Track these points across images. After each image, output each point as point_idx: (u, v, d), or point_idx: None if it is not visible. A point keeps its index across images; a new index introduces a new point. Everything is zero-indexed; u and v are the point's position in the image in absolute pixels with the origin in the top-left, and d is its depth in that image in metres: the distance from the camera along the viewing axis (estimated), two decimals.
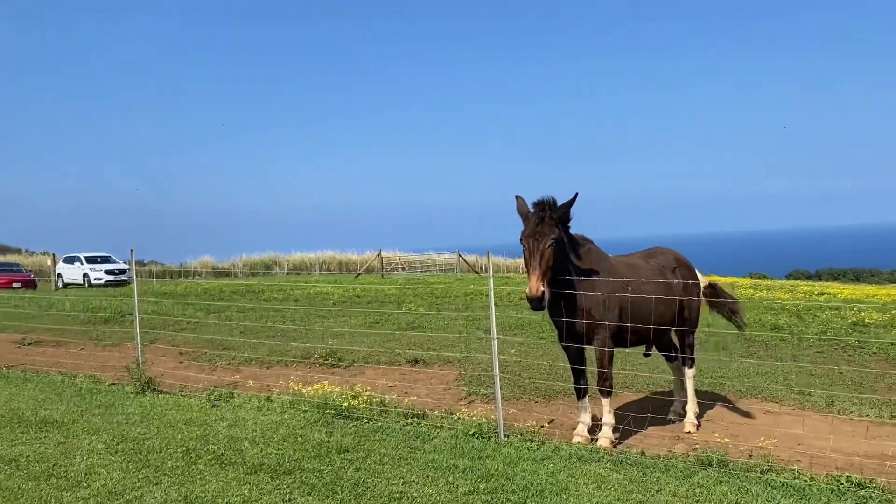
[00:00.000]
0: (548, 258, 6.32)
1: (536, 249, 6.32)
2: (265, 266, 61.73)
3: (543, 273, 6.27)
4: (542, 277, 6.24)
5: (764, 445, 6.76)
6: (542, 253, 6.30)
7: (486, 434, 6.95)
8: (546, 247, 6.32)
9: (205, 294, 24.65)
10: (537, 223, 6.37)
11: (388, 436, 7.07)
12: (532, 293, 6.18)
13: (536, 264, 6.27)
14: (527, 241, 6.42)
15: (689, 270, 7.79)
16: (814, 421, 7.96)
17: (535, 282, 6.21)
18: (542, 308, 6.31)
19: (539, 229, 6.35)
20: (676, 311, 7.46)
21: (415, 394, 9.38)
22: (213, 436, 7.09)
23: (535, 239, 6.35)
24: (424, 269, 51.65)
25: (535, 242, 6.34)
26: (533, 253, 6.33)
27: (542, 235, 6.33)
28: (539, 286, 6.20)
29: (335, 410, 7.85)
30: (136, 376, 9.41)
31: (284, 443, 6.84)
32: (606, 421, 6.94)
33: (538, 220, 6.38)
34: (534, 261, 6.30)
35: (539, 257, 6.29)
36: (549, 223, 6.38)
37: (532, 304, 6.22)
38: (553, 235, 6.35)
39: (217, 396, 8.78)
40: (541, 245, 6.32)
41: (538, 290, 6.18)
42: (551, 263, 6.37)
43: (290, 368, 11.40)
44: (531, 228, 6.41)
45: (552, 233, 6.36)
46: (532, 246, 6.35)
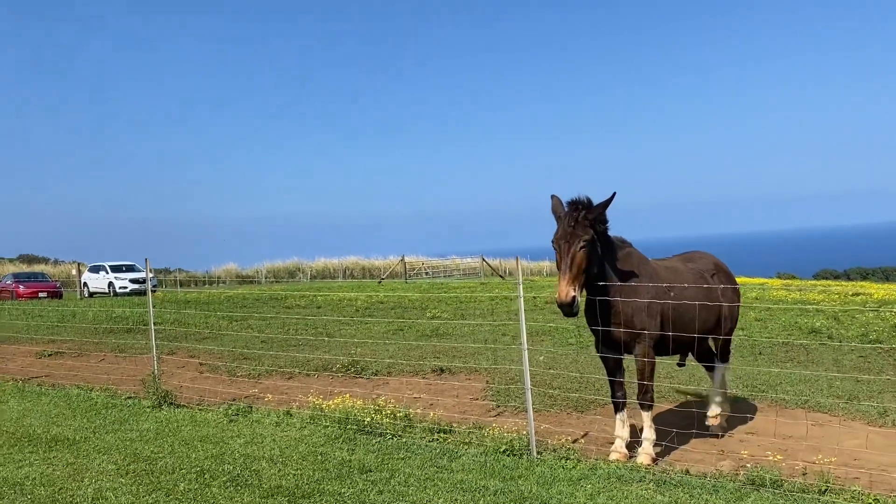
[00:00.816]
0: (579, 261, 5.89)
1: (567, 252, 5.89)
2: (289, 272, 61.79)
3: (574, 277, 5.85)
4: (572, 281, 5.82)
5: (818, 461, 6.26)
6: (574, 256, 5.88)
7: (517, 451, 6.51)
8: (578, 249, 5.90)
9: (227, 302, 24.49)
10: (570, 224, 5.94)
11: (414, 453, 6.66)
12: (561, 298, 5.76)
13: (567, 268, 5.85)
14: (558, 244, 6.00)
15: (728, 275, 7.33)
16: (868, 433, 7.42)
17: (564, 286, 5.79)
18: (574, 314, 5.88)
19: (571, 231, 5.92)
20: (718, 317, 6.99)
21: (441, 406, 8.98)
22: (228, 454, 6.73)
23: (566, 241, 5.92)
24: (447, 273, 51.34)
25: (566, 245, 5.92)
26: (564, 256, 5.91)
27: (574, 237, 5.91)
28: (569, 291, 5.77)
29: (357, 426, 7.46)
30: (153, 390, 9.10)
31: (304, 462, 6.47)
32: (647, 436, 6.48)
33: (571, 222, 5.95)
34: (564, 264, 5.88)
35: (570, 260, 5.86)
36: (582, 224, 5.95)
37: (563, 309, 5.80)
38: (586, 237, 5.92)
39: (235, 411, 8.44)
40: (572, 248, 5.89)
41: (568, 296, 5.75)
42: (584, 267, 5.94)
43: (311, 379, 11.05)
44: (563, 230, 5.98)
45: (585, 234, 5.93)
46: (563, 249, 5.93)
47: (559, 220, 6.13)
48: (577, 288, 5.86)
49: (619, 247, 6.48)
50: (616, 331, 6.29)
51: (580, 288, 5.92)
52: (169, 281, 50.71)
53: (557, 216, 6.18)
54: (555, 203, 6.30)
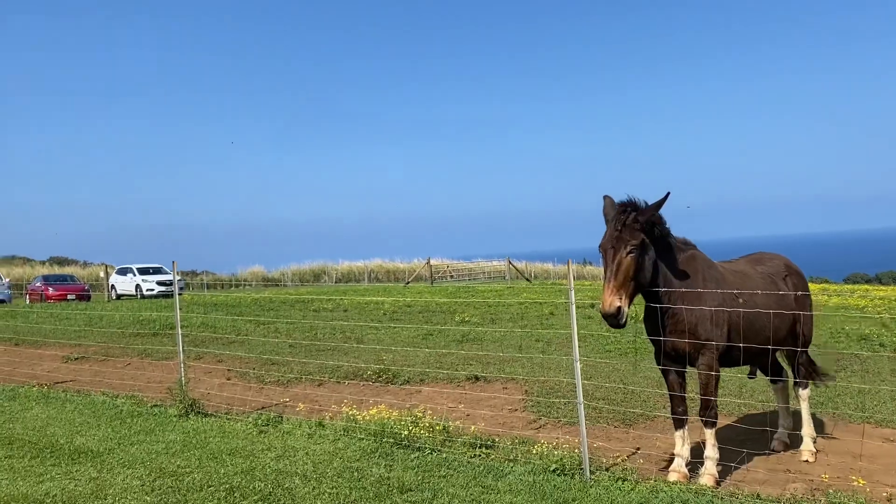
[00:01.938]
0: (626, 269, 5.40)
1: (613, 259, 5.41)
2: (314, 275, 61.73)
3: (620, 286, 5.35)
4: (617, 291, 5.32)
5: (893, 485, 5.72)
6: (620, 262, 5.39)
7: (568, 470, 6.03)
8: (625, 255, 5.41)
9: (254, 305, 24.24)
10: (617, 228, 5.46)
11: (455, 471, 6.22)
12: (605, 309, 5.28)
13: (612, 276, 5.36)
14: (603, 249, 5.53)
15: (801, 278, 6.78)
16: None
17: (608, 296, 5.30)
18: (620, 326, 5.39)
19: (618, 235, 5.44)
20: (792, 326, 6.46)
21: (479, 417, 8.53)
22: (259, 470, 6.33)
23: (612, 247, 5.44)
24: (473, 276, 50.87)
25: (612, 251, 5.43)
26: (609, 263, 5.43)
27: (620, 242, 5.42)
28: (613, 301, 5.28)
29: (394, 439, 7.03)
30: (179, 398, 8.75)
31: (339, 479, 6.05)
32: (710, 455, 5.96)
33: (618, 225, 5.47)
34: (609, 271, 5.40)
35: (615, 267, 5.38)
36: (631, 228, 5.46)
37: (607, 321, 5.32)
38: (634, 242, 5.43)
39: (265, 421, 8.05)
40: (618, 254, 5.41)
41: (612, 306, 5.26)
42: (631, 274, 5.44)
43: (342, 385, 10.67)
44: (609, 234, 5.51)
45: (633, 239, 5.43)
46: (609, 255, 5.45)
47: (608, 223, 5.65)
48: (624, 298, 5.36)
49: (681, 249, 5.97)
50: (678, 341, 5.80)
51: (628, 297, 5.42)
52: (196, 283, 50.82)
53: (607, 219, 5.70)
54: (606, 204, 5.82)
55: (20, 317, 21.53)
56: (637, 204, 5.58)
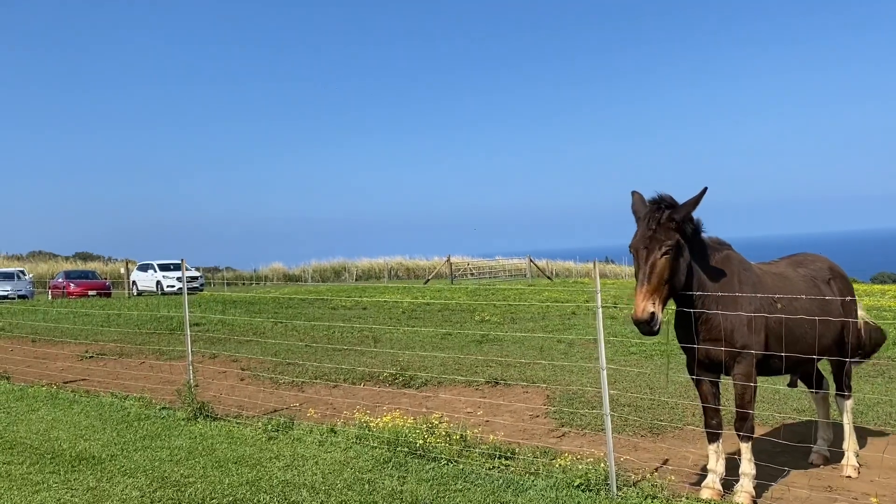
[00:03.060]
0: (661, 271, 4.96)
1: (646, 260, 4.98)
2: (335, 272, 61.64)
3: (654, 289, 4.91)
4: (650, 295, 4.89)
5: None
6: (654, 264, 4.95)
7: (593, 485, 5.63)
8: (659, 257, 4.98)
9: (273, 302, 24.05)
10: (650, 227, 5.03)
11: (473, 484, 5.85)
12: (637, 315, 4.84)
13: (645, 278, 4.93)
14: (635, 250, 5.09)
15: (846, 282, 6.32)
16: None
17: (641, 300, 4.87)
18: (654, 332, 4.97)
19: (652, 235, 5.01)
20: (837, 333, 6.01)
21: (498, 424, 8.15)
22: (266, 480, 6.00)
23: (645, 247, 5.01)
24: (493, 274, 50.47)
25: (645, 251, 5.00)
26: (642, 264, 5.00)
27: (654, 242, 4.99)
28: (647, 306, 4.85)
29: (408, 448, 6.68)
30: (188, 401, 8.46)
31: (349, 491, 5.71)
32: (746, 471, 5.53)
33: (652, 224, 5.03)
34: (642, 273, 4.96)
35: (649, 270, 4.94)
36: (665, 227, 5.02)
37: (640, 328, 4.89)
38: (669, 242, 5.00)
39: (275, 426, 7.73)
40: (652, 255, 4.98)
41: (645, 311, 4.83)
42: (666, 277, 5.00)
43: (357, 388, 10.35)
44: (642, 233, 5.07)
45: (668, 239, 5.00)
46: (641, 256, 5.02)
47: (639, 221, 5.22)
48: (658, 302, 4.93)
49: (716, 249, 5.54)
50: (713, 349, 5.37)
51: (662, 302, 4.98)
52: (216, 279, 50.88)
53: (638, 216, 5.27)
54: (635, 200, 5.40)
55: (40, 313, 21.48)
56: (671, 200, 5.16)
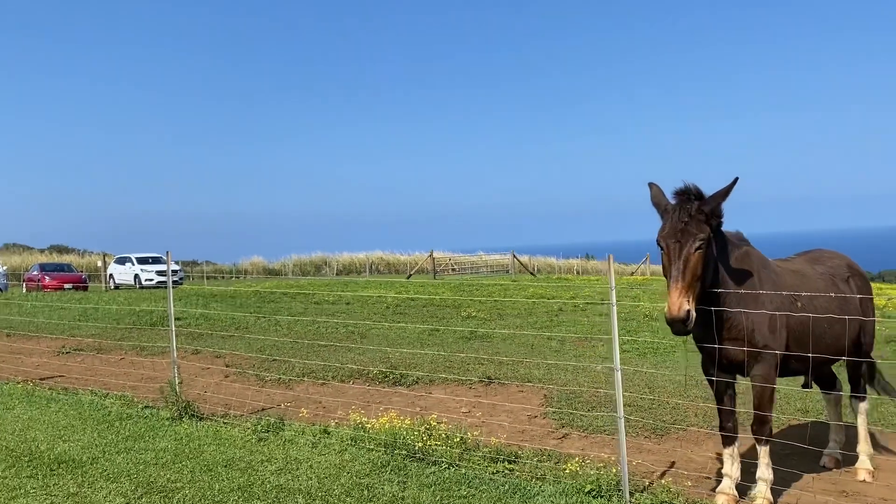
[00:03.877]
0: (694, 266, 4.70)
1: (679, 255, 4.71)
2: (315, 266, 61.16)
3: (689, 286, 4.65)
4: (686, 292, 4.62)
5: None
6: (688, 259, 4.69)
7: (605, 492, 5.38)
8: (693, 251, 4.71)
9: (255, 296, 23.60)
10: (682, 220, 4.76)
11: (478, 489, 5.57)
12: (673, 313, 4.57)
13: (679, 274, 4.66)
14: (666, 243, 4.81)
15: (865, 280, 6.11)
16: None
17: (676, 298, 4.60)
18: (688, 332, 4.74)
19: (684, 228, 4.74)
20: (855, 333, 5.80)
21: (496, 424, 7.89)
22: (258, 485, 5.68)
23: (677, 240, 4.74)
24: (475, 269, 50.27)
25: (677, 245, 4.72)
26: (674, 259, 4.72)
27: (687, 236, 4.72)
28: (683, 304, 4.58)
29: (407, 451, 6.38)
30: (172, 400, 8.10)
31: (348, 498, 5.41)
32: (763, 476, 5.31)
33: (684, 216, 4.76)
34: (675, 269, 4.69)
35: (682, 265, 4.67)
36: (697, 219, 4.76)
37: (674, 327, 4.62)
38: (702, 236, 4.74)
39: (265, 427, 7.40)
40: (685, 249, 4.71)
41: (681, 309, 4.57)
42: (699, 273, 4.75)
43: (346, 385, 10.04)
44: (672, 226, 4.80)
45: (701, 232, 4.74)
46: (674, 250, 4.74)
47: (665, 213, 4.93)
48: (693, 300, 4.65)
49: (735, 245, 5.30)
50: (732, 348, 5.13)
51: (696, 299, 4.73)
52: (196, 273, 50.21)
53: (662, 209, 4.99)
54: (655, 192, 5.13)
55: (14, 306, 20.89)
56: (698, 191, 4.90)
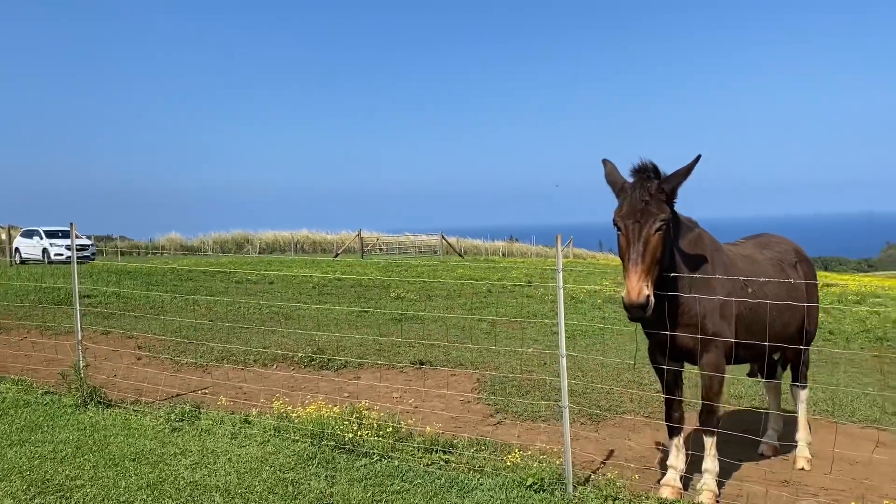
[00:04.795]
0: (654, 249, 4.42)
1: (638, 236, 4.42)
2: (236, 244, 59.42)
3: (648, 269, 4.37)
4: (645, 275, 4.35)
5: None
6: (647, 241, 4.40)
7: (547, 486, 5.10)
8: (653, 233, 4.43)
9: (172, 274, 22.51)
10: (642, 199, 4.46)
11: (412, 484, 5.20)
12: (632, 298, 4.29)
13: (638, 257, 4.37)
14: (624, 224, 4.51)
15: (811, 266, 6.00)
16: None
17: (636, 282, 4.32)
18: (646, 318, 4.47)
19: (644, 207, 4.45)
20: (801, 320, 5.67)
21: (428, 410, 7.54)
22: (170, 482, 5.15)
23: (636, 221, 4.44)
24: (403, 250, 49.87)
25: (637, 226, 4.43)
26: (633, 241, 4.43)
27: (647, 216, 4.43)
28: (642, 288, 4.30)
29: (335, 441, 5.95)
30: (76, 385, 7.42)
31: (271, 495, 4.95)
32: (709, 468, 5.13)
33: (644, 195, 4.46)
34: (634, 251, 4.39)
35: (642, 247, 4.39)
36: (657, 199, 4.47)
37: (632, 312, 4.34)
38: (664, 216, 4.46)
39: (179, 415, 6.83)
40: (645, 230, 4.42)
41: (641, 294, 4.29)
42: (658, 256, 4.48)
43: (269, 370, 9.50)
44: (631, 205, 4.50)
45: (662, 212, 4.47)
46: (633, 231, 4.45)
47: (622, 192, 4.63)
48: (651, 284, 4.39)
49: (688, 228, 5.06)
50: (684, 336, 4.90)
51: (653, 284, 4.46)
52: (109, 249, 47.99)
53: (618, 187, 4.68)
54: (609, 170, 4.82)
55: None
56: (656, 168, 4.61)
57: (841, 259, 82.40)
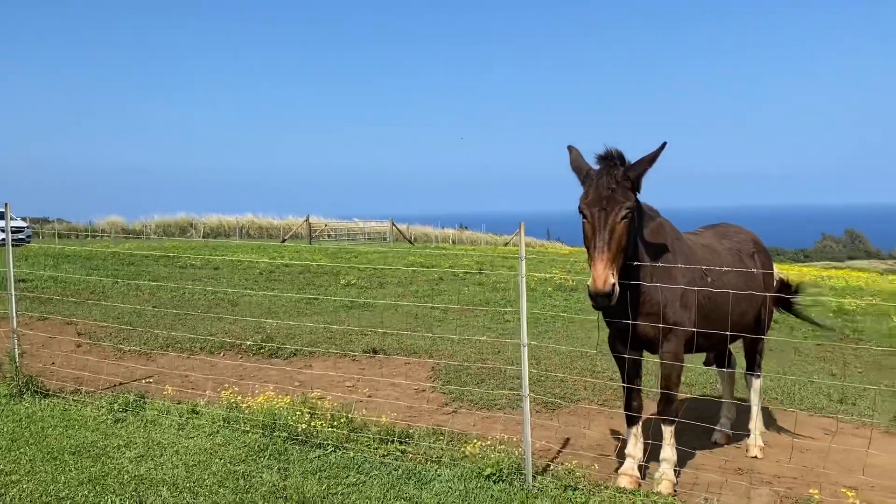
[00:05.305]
0: (619, 237, 4.38)
1: (604, 224, 4.36)
2: (180, 228, 58.06)
3: (614, 257, 4.33)
4: (611, 263, 4.30)
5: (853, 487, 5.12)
6: (613, 229, 4.35)
7: (506, 476, 5.03)
8: (619, 220, 4.38)
9: (113, 258, 21.80)
10: (609, 186, 4.40)
11: (368, 475, 5.07)
12: (599, 287, 4.23)
13: (605, 245, 4.32)
14: (590, 211, 4.45)
15: (768, 256, 6.05)
16: (892, 444, 6.40)
17: (602, 270, 4.26)
18: (611, 306, 4.42)
19: (610, 195, 4.38)
20: (757, 310, 5.72)
21: (382, 399, 7.41)
22: (114, 476, 4.91)
23: (602, 208, 4.38)
24: (351, 236, 49.47)
25: (602, 214, 4.37)
26: (599, 229, 4.37)
27: (613, 204, 4.38)
28: (608, 277, 4.25)
29: (288, 432, 5.77)
30: (11, 374, 7.06)
31: (221, 489, 4.76)
32: (667, 457, 5.14)
33: (611, 182, 4.40)
34: (600, 239, 4.34)
35: (608, 235, 4.33)
36: (623, 186, 4.43)
37: (597, 301, 4.29)
38: (629, 204, 4.42)
39: (123, 405, 6.55)
40: (611, 217, 4.37)
41: (607, 283, 4.23)
42: (624, 244, 4.43)
43: (217, 358, 9.23)
44: (597, 192, 4.43)
45: (628, 200, 4.42)
46: (598, 219, 4.39)
47: (587, 179, 4.56)
48: (616, 272, 4.35)
49: (650, 216, 5.03)
50: (644, 324, 4.87)
51: (618, 272, 4.42)
52: (46, 232, 46.38)
53: (584, 174, 4.62)
54: (574, 156, 4.75)
55: None
56: (621, 155, 4.55)
57: (778, 249, 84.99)
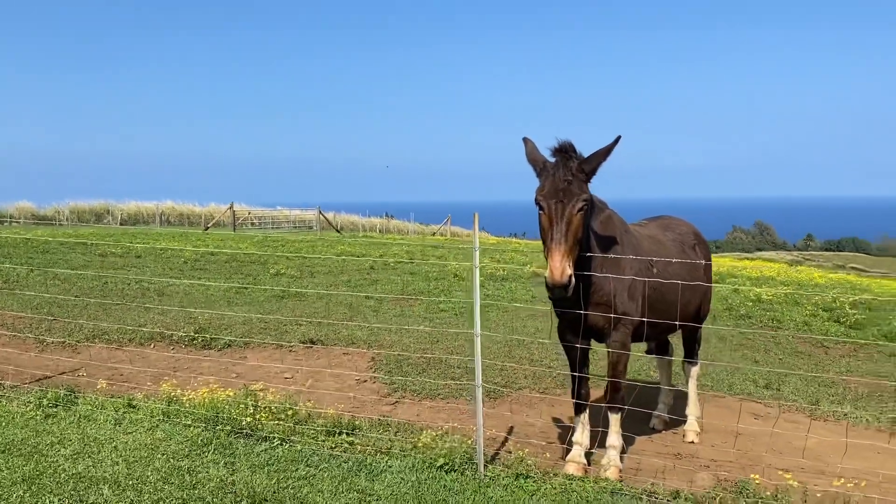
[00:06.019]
0: (576, 229, 4.46)
1: (561, 216, 4.43)
2: (96, 215, 55.81)
3: (570, 249, 4.41)
4: (568, 255, 4.38)
5: (786, 469, 5.38)
6: (570, 221, 4.43)
7: (458, 465, 5.04)
8: (576, 212, 4.46)
9: (25, 245, 20.76)
10: (565, 179, 4.47)
11: (318, 468, 5.00)
12: (556, 279, 4.30)
13: (561, 237, 4.39)
14: (547, 203, 4.50)
15: (707, 248, 6.26)
16: (815, 427, 6.73)
17: (559, 261, 4.33)
18: (567, 297, 4.50)
19: (566, 187, 4.45)
20: (699, 300, 5.91)
21: (323, 390, 7.32)
22: (49, 475, 4.69)
23: (559, 200, 4.45)
24: (277, 224, 48.62)
25: (559, 206, 4.44)
26: (556, 221, 4.43)
27: (570, 196, 4.45)
28: (566, 268, 4.33)
29: (231, 426, 5.64)
30: None
31: (166, 485, 4.60)
32: (614, 444, 5.26)
33: (567, 175, 4.47)
34: (557, 231, 4.40)
35: (565, 227, 4.41)
36: (579, 178, 4.51)
37: (555, 293, 4.37)
38: (585, 196, 4.51)
39: (53, 400, 6.25)
40: (567, 210, 4.44)
41: (564, 274, 4.31)
42: (580, 236, 4.52)
43: (147, 349, 8.93)
44: (553, 185, 4.49)
45: (584, 192, 4.51)
46: (556, 210, 4.45)
47: (544, 171, 4.62)
48: (572, 264, 4.44)
49: (599, 208, 5.12)
50: (594, 314, 4.96)
51: (574, 264, 4.49)
52: None
53: (540, 166, 4.67)
54: (530, 148, 4.80)
55: None
56: (574, 148, 4.62)
57: None
